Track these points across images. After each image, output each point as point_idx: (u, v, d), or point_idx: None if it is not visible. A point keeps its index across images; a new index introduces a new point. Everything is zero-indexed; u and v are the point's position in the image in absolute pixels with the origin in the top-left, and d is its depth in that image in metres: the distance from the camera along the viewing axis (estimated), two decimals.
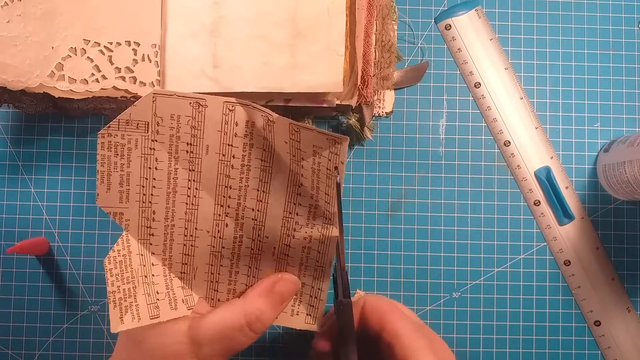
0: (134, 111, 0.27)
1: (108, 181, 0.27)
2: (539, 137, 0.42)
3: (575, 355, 0.42)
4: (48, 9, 0.36)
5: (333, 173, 0.26)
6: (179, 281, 0.29)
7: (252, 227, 0.29)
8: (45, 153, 0.42)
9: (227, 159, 0.27)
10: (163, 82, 0.40)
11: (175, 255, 0.29)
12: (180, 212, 0.28)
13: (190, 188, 0.28)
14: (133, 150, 0.27)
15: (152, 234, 0.28)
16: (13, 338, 0.41)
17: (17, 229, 0.42)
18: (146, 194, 0.28)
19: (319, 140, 0.27)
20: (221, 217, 0.28)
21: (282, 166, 0.28)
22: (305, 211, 0.29)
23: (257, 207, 0.28)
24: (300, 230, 0.29)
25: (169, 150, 0.27)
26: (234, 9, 0.39)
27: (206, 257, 0.29)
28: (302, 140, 0.27)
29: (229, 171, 0.28)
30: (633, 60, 0.43)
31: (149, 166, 0.27)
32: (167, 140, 0.27)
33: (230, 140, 0.27)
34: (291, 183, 0.28)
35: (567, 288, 0.42)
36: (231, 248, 0.29)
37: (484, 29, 0.43)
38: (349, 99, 0.40)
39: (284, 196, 0.28)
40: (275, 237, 0.29)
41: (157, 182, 0.28)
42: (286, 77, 0.39)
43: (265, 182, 0.28)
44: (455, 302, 0.42)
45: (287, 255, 0.30)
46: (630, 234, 0.42)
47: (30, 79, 0.36)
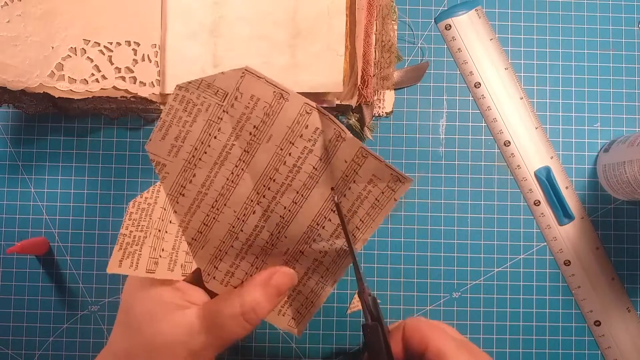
0: (219, 78, 0.27)
1: (166, 131, 0.28)
2: (539, 137, 0.42)
3: (575, 355, 0.42)
4: (48, 9, 0.36)
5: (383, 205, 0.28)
6: (186, 246, 0.30)
7: (276, 222, 0.29)
8: (45, 153, 0.42)
9: (283, 155, 0.28)
10: (163, 82, 0.40)
11: (194, 221, 0.29)
12: (217, 185, 0.29)
13: (237, 166, 0.29)
14: (202, 113, 0.28)
15: (182, 194, 0.29)
16: (13, 338, 0.41)
17: (17, 229, 0.42)
18: (195, 156, 0.28)
19: (382, 172, 0.28)
20: (253, 203, 0.29)
21: (329, 181, 0.29)
22: (332, 228, 0.29)
23: (289, 207, 0.29)
24: (319, 243, 0.30)
25: (234, 126, 0.28)
26: (234, 9, 0.39)
27: (222, 234, 0.30)
28: (364, 167, 0.28)
29: (279, 166, 0.28)
30: (633, 60, 0.43)
31: (210, 132, 0.28)
32: (237, 115, 0.28)
33: (294, 138, 0.28)
34: (330, 199, 0.29)
35: (567, 288, 0.42)
36: (248, 234, 0.30)
37: (484, 29, 0.43)
38: (349, 99, 0.40)
39: (318, 208, 0.29)
40: (293, 240, 0.30)
41: (210, 149, 0.28)
42: (286, 77, 0.39)
43: (307, 189, 0.29)
44: (455, 302, 0.42)
45: (297, 261, 0.30)
46: (630, 234, 0.42)
47: (30, 79, 0.36)
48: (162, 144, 0.28)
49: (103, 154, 0.42)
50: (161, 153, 0.28)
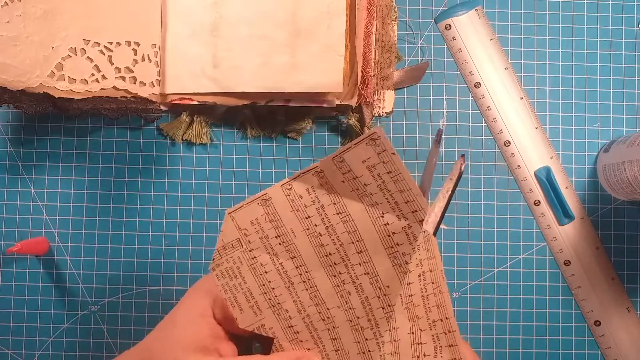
0: (224, 236, 0.29)
1: (238, 303, 0.29)
2: (539, 137, 0.42)
3: (575, 355, 0.42)
4: (48, 9, 0.36)
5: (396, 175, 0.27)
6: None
7: (370, 282, 0.29)
8: (45, 153, 0.42)
9: (313, 231, 0.29)
10: (163, 82, 0.40)
11: (327, 344, 0.30)
12: (306, 300, 0.29)
13: (301, 274, 0.29)
14: (242, 266, 0.29)
15: (297, 332, 0.30)
16: (13, 338, 0.41)
17: (17, 229, 0.42)
18: (271, 297, 0.29)
19: (361, 152, 0.27)
20: (340, 287, 0.29)
21: (357, 208, 0.28)
22: (404, 237, 0.29)
23: (362, 259, 0.29)
24: (411, 260, 0.29)
25: (267, 252, 0.29)
26: (233, 9, 0.39)
27: (350, 335, 0.29)
28: (351, 165, 0.27)
29: (320, 240, 0.29)
30: (633, 60, 0.43)
31: (260, 273, 0.29)
32: (260, 244, 0.29)
33: (305, 213, 0.29)
34: (374, 217, 0.28)
35: (567, 288, 0.42)
36: (365, 315, 0.29)
37: (484, 29, 0.43)
38: (349, 99, 0.40)
39: (377, 235, 0.29)
40: (395, 283, 0.29)
41: (273, 283, 0.29)
42: (286, 77, 0.39)
43: (353, 232, 0.29)
44: (455, 302, 0.42)
45: (412, 295, 0.29)
46: (630, 234, 0.42)
47: (30, 79, 0.36)
48: (245, 314, 0.29)
49: (103, 154, 0.42)
50: (252, 320, 0.29)
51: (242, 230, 0.29)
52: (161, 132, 0.42)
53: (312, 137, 0.42)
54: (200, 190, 0.42)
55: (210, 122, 0.42)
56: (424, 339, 0.29)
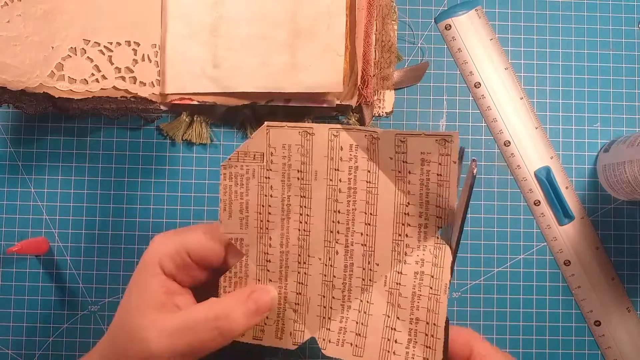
0: (251, 143, 0.29)
1: (230, 209, 0.29)
2: (539, 137, 0.42)
3: (575, 355, 0.42)
4: (48, 9, 0.36)
5: (451, 174, 0.27)
6: (292, 313, 0.30)
7: (362, 253, 0.29)
8: (45, 153, 0.42)
9: (335, 184, 0.29)
10: (163, 82, 0.40)
11: (290, 284, 0.30)
12: (293, 238, 0.29)
13: (302, 214, 0.29)
14: (251, 180, 0.29)
15: (269, 260, 0.30)
16: (13, 338, 0.41)
17: (17, 229, 0.42)
18: (263, 220, 0.29)
19: (427, 144, 0.27)
20: (331, 243, 0.29)
21: (387, 186, 0.28)
22: (415, 232, 0.28)
23: (366, 231, 0.29)
24: (412, 254, 0.29)
25: (282, 179, 0.29)
26: (234, 9, 0.39)
27: (318, 287, 0.30)
28: (409, 150, 0.27)
29: (337, 195, 0.29)
30: (633, 60, 0.43)
31: (265, 194, 0.29)
32: (279, 168, 0.29)
33: (337, 164, 0.28)
34: (398, 202, 0.28)
35: (567, 288, 0.42)
36: (342, 277, 0.29)
37: (484, 29, 0.43)
38: (349, 99, 0.40)
39: (391, 218, 0.29)
40: (386, 264, 0.29)
41: (272, 208, 0.29)
42: (286, 77, 0.39)
43: (372, 204, 0.29)
44: (455, 302, 0.42)
45: (400, 284, 0.29)
46: (630, 234, 0.42)
47: (30, 79, 0.36)
48: (232, 221, 0.29)
49: (103, 154, 0.42)
50: (234, 230, 0.29)
51: (271, 148, 0.29)
52: (161, 132, 0.42)
53: None
54: (200, 190, 0.42)
55: (210, 122, 0.42)
56: (399, 328, 0.29)
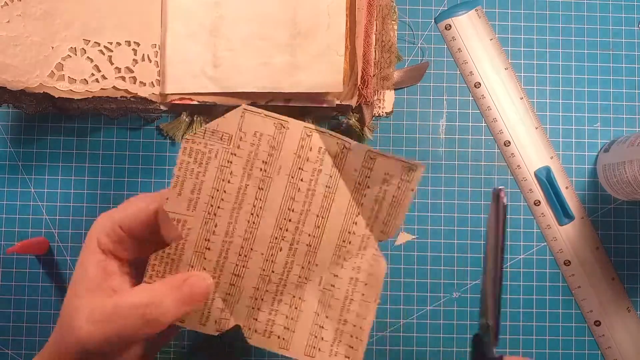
0: (221, 123, 0.28)
1: (181, 187, 0.28)
2: (539, 137, 0.42)
3: (575, 355, 0.42)
4: (48, 9, 0.36)
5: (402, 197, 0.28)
6: (220, 302, 0.29)
7: (305, 252, 0.29)
8: (45, 153, 0.42)
9: (296, 182, 0.28)
10: (163, 82, 0.40)
11: (225, 275, 0.29)
12: (240, 230, 0.29)
13: (255, 206, 0.29)
14: (212, 161, 0.28)
15: (208, 248, 0.29)
16: (13, 338, 0.41)
17: (17, 229, 0.42)
18: (213, 205, 0.28)
19: (393, 167, 0.28)
20: (278, 240, 0.29)
21: (344, 195, 0.29)
22: (358, 240, 0.29)
23: (314, 233, 0.29)
24: (350, 259, 0.29)
25: (244, 166, 0.28)
26: (234, 9, 0.39)
27: (254, 281, 0.29)
28: (375, 168, 0.28)
29: (295, 194, 0.29)
30: (633, 60, 0.43)
31: (222, 178, 0.28)
32: (245, 155, 0.28)
33: (302, 163, 0.28)
34: (350, 211, 0.29)
35: (567, 288, 0.42)
36: (280, 273, 0.29)
37: (484, 29, 0.43)
38: (349, 99, 0.40)
39: (340, 224, 0.29)
40: (324, 266, 0.29)
41: (226, 195, 0.28)
42: (286, 77, 0.39)
43: (325, 209, 0.29)
44: (455, 302, 0.42)
45: (334, 287, 0.29)
46: (630, 234, 0.42)
47: (30, 79, 0.36)
48: (180, 200, 0.28)
49: (103, 154, 0.42)
50: (180, 209, 0.28)
51: (241, 132, 0.28)
52: (161, 132, 0.42)
53: None
54: None
55: None
56: (327, 327, 0.29)
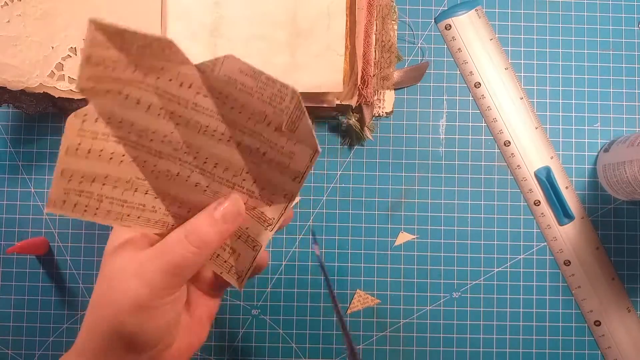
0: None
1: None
2: (539, 137, 0.42)
3: (575, 355, 0.42)
4: (48, 9, 0.36)
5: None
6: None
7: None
8: (45, 153, 0.42)
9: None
10: None
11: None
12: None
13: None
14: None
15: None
16: (13, 338, 0.41)
17: (17, 229, 0.42)
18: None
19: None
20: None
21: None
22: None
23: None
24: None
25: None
26: (234, 9, 0.39)
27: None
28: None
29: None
30: (633, 60, 0.43)
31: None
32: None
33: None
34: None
35: (567, 288, 0.42)
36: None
37: (484, 29, 0.43)
38: (349, 99, 0.40)
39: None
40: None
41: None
42: (286, 77, 0.39)
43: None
44: (455, 302, 0.42)
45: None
46: (630, 234, 0.42)
47: (30, 79, 0.36)
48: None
49: None
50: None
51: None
52: None
53: None
54: None
55: None
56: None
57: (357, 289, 0.42)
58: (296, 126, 0.27)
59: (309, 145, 0.28)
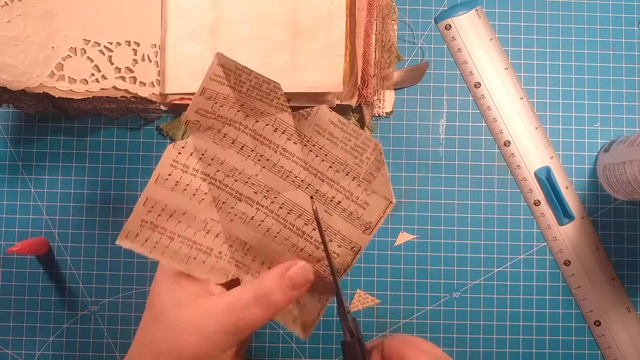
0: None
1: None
2: (539, 137, 0.42)
3: (575, 355, 0.42)
4: (48, 9, 0.36)
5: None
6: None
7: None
8: (45, 153, 0.42)
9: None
10: (163, 82, 0.40)
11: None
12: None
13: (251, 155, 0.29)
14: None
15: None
16: (13, 338, 0.41)
17: (17, 229, 0.42)
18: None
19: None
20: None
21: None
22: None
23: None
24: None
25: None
26: (234, 9, 0.39)
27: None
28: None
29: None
30: (633, 60, 0.43)
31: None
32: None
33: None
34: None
35: (567, 288, 0.42)
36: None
37: (484, 29, 0.43)
38: (349, 99, 0.40)
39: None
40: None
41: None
42: (286, 77, 0.39)
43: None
44: (455, 302, 0.42)
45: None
46: (630, 234, 0.42)
47: (30, 79, 0.36)
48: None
49: (103, 154, 0.42)
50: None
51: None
52: (161, 132, 0.42)
53: None
54: None
55: None
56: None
57: (357, 289, 0.42)
58: (374, 177, 0.28)
59: (384, 196, 0.28)
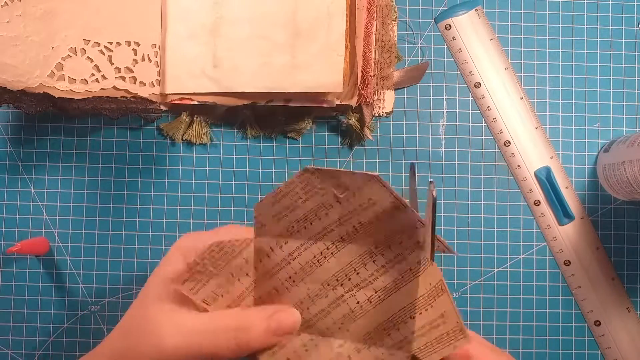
0: (346, 175, 0.28)
1: (279, 199, 0.28)
2: (539, 137, 0.42)
3: (575, 355, 0.42)
4: (48, 9, 0.36)
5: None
6: (251, 300, 0.30)
7: (344, 314, 0.30)
8: (45, 153, 0.42)
9: (375, 255, 0.29)
10: (163, 82, 0.40)
11: (268, 283, 0.30)
12: (303, 259, 0.29)
13: (328, 249, 0.29)
14: (317, 196, 0.28)
15: (269, 256, 0.29)
16: (13, 338, 0.41)
17: (17, 229, 0.42)
18: (294, 227, 0.29)
19: (450, 316, 0.27)
20: (328, 287, 0.29)
21: (405, 297, 0.29)
22: (399, 339, 0.29)
23: (362, 304, 0.29)
24: (380, 348, 0.29)
25: (340, 216, 0.29)
26: (234, 9, 0.39)
27: (289, 304, 0.30)
28: (438, 302, 0.27)
29: (368, 262, 0.29)
30: (633, 60, 0.43)
31: (317, 213, 0.29)
32: (348, 208, 0.29)
33: (392, 245, 0.29)
34: (405, 307, 0.29)
35: (567, 288, 0.42)
36: (313, 315, 0.30)
37: (484, 29, 0.43)
38: (349, 99, 0.40)
39: (392, 313, 0.29)
40: (355, 336, 0.30)
41: (310, 227, 0.29)
42: (286, 77, 0.39)
43: (388, 293, 0.29)
44: (455, 302, 0.42)
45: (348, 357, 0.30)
46: (630, 234, 0.42)
47: (30, 79, 0.36)
48: (271, 208, 0.29)
49: (103, 154, 0.42)
50: (266, 215, 0.29)
51: (357, 190, 0.28)
52: (161, 132, 0.42)
53: (312, 137, 0.42)
54: (200, 190, 0.42)
55: (210, 122, 0.42)
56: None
57: None
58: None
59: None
